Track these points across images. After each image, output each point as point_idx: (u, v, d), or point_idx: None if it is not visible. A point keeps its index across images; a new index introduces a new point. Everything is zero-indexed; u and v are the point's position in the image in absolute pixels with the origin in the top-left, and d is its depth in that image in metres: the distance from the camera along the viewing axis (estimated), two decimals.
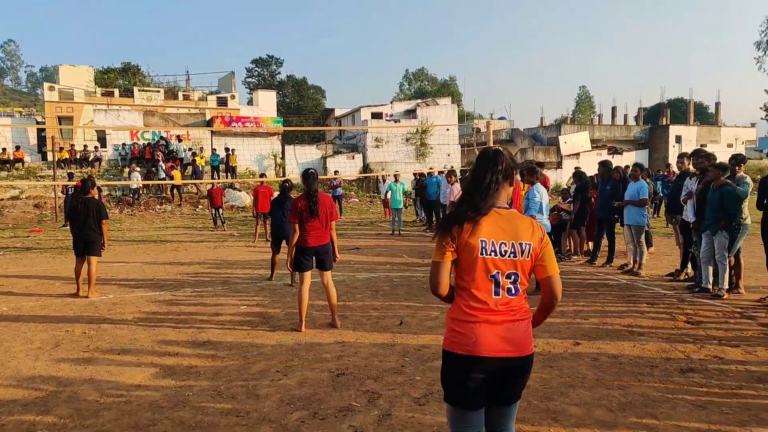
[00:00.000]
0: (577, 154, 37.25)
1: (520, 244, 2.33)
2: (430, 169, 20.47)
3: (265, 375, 4.63)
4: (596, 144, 40.11)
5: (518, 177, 9.57)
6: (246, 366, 4.86)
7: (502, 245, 2.31)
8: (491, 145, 13.93)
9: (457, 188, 10.10)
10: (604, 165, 10.25)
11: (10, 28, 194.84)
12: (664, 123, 46.36)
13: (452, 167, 21.18)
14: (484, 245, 2.30)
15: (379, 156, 34.11)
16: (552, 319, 6.21)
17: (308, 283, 5.99)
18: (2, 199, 23.41)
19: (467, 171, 16.20)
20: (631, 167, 9.97)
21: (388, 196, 17.17)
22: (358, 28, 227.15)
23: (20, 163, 28.06)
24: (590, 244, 10.95)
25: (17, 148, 29.35)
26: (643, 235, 9.23)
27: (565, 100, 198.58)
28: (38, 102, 69.62)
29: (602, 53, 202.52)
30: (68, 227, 10.03)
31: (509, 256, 2.31)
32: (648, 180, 10.23)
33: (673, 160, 39.28)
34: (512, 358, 2.30)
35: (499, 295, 2.32)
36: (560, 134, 39.37)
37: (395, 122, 37.18)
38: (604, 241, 10.11)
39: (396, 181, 16.59)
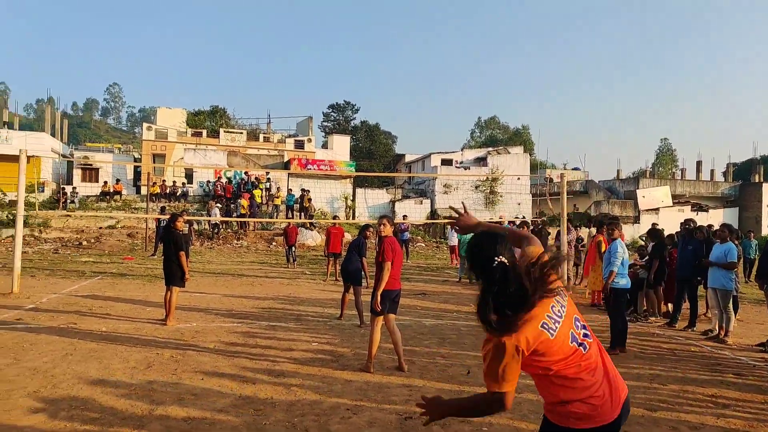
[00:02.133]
0: (657, 209, 36.07)
1: None
2: (500, 218, 20.50)
3: (336, 412, 4.90)
4: (678, 200, 38.69)
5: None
6: (318, 401, 5.16)
7: None
8: (565, 196, 13.98)
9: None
10: (686, 224, 10.07)
11: (115, 72, 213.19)
12: (757, 180, 44.10)
13: (524, 218, 21.14)
14: None
15: (448, 202, 34.23)
16: (627, 381, 6.17)
17: (381, 325, 6.26)
18: (101, 228, 25.39)
19: (539, 222, 16.26)
20: (718, 227, 9.58)
21: (456, 242, 17.33)
22: (430, 75, 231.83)
23: (118, 196, 30.44)
24: (669, 305, 10.52)
25: (117, 181, 31.92)
26: (731, 301, 8.69)
27: (644, 153, 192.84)
28: (135, 140, 74.97)
29: (687, 104, 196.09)
30: (155, 257, 10.85)
31: None
32: (736, 242, 9.61)
33: (766, 220, 37.37)
34: None
35: None
36: (638, 188, 38.34)
37: (465, 169, 37.47)
38: (685, 304, 9.80)
39: None
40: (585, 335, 2.30)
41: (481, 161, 39.19)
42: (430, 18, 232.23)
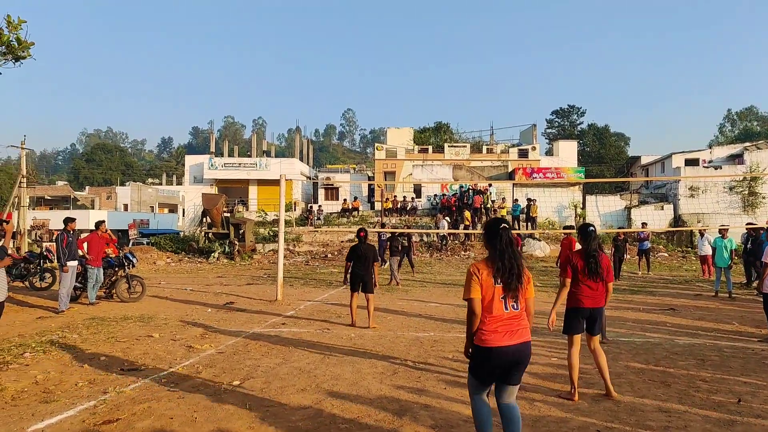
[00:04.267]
0: None
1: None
2: (767, 223, 17.51)
3: None
4: None
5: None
6: (565, 420, 4.93)
7: None
8: None
9: None
10: None
11: (350, 98, 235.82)
12: None
13: None
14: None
15: (694, 206, 30.58)
16: None
17: (579, 346, 5.73)
18: (342, 241, 28.11)
19: None
20: None
21: (709, 251, 15.27)
22: (664, 69, 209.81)
23: (356, 212, 33.48)
24: None
25: (354, 198, 35.14)
26: None
27: None
28: (368, 159, 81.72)
29: None
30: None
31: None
32: None
33: None
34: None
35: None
36: None
37: (715, 169, 32.98)
38: None
39: (723, 236, 14.66)
40: (513, 306, 3.80)
41: (735, 158, 34.17)
42: (650, 3, 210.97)
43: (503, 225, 3.90)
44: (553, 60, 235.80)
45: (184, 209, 45.43)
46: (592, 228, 5.76)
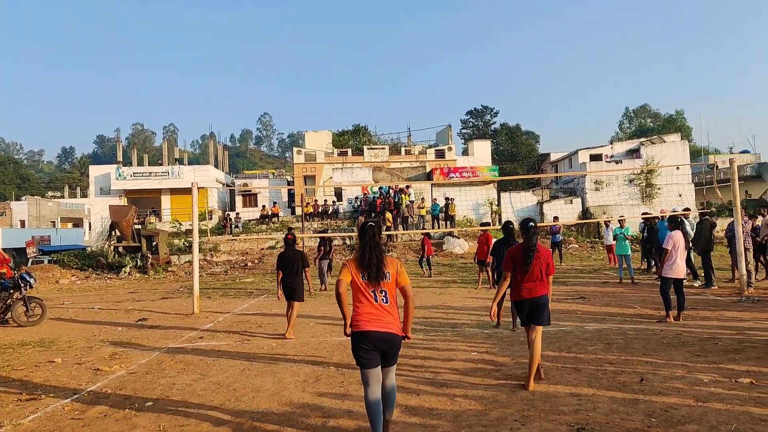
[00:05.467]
0: None
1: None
2: (661, 212, 18.84)
3: (504, 423, 4.75)
4: None
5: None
6: (484, 412, 5.04)
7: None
8: (737, 182, 12.42)
9: (677, 236, 9.04)
10: None
11: (266, 102, 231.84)
12: None
13: (687, 209, 19.21)
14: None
15: (600, 199, 32.44)
16: None
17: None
18: (262, 249, 27.55)
19: (705, 213, 14.60)
20: None
21: (612, 241, 16.30)
22: (571, 69, 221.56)
23: (276, 218, 32.90)
24: None
25: (274, 204, 34.54)
26: None
27: None
28: (287, 164, 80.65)
29: None
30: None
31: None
32: None
33: None
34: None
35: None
36: None
37: (616, 163, 35.14)
38: None
39: (621, 226, 15.65)
40: (383, 300, 4.26)
41: (633, 153, 36.53)
42: (560, 11, 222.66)
43: (369, 224, 4.41)
44: (466, 61, 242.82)
45: (90, 223, 42.90)
46: (531, 223, 5.91)
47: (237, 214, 34.88)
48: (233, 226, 32.20)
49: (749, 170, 38.62)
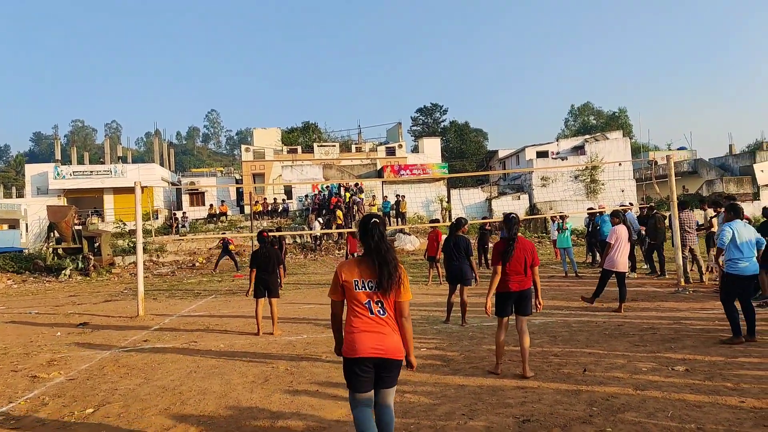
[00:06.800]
0: None
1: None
2: (600, 207, 19.51)
3: (452, 417, 4.81)
4: None
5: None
6: (432, 407, 5.09)
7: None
8: (674, 178, 12.96)
9: (621, 230, 9.41)
10: None
11: (214, 99, 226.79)
12: None
13: (630, 204, 19.94)
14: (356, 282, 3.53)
15: (547, 195, 33.30)
16: (762, 372, 5.64)
17: (506, 328, 6.10)
18: (211, 248, 26.97)
19: (653, 208, 15.19)
20: None
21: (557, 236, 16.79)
22: (516, 67, 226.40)
23: (224, 217, 32.24)
24: None
25: (222, 203, 33.81)
26: None
27: (759, 123, 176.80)
28: (236, 162, 79.23)
29: None
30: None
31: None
32: None
33: None
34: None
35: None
36: (755, 162, 35.18)
37: (562, 160, 36.15)
38: None
39: (563, 221, 16.13)
40: (379, 311, 3.53)
41: (578, 150, 37.67)
42: (508, 9, 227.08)
43: (374, 220, 3.65)
44: (416, 59, 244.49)
45: (27, 224, 40.98)
46: (513, 215, 6.12)
47: (184, 213, 34.03)
48: (180, 225, 31.40)
49: (686, 166, 40.34)
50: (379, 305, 3.51)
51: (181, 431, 4.80)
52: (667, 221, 14.59)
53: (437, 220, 18.72)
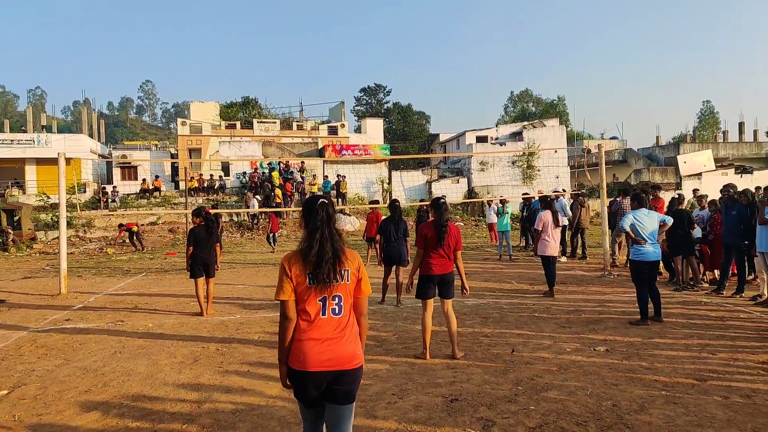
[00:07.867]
0: (699, 175, 34.87)
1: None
2: (538, 192, 20.09)
3: (382, 397, 4.85)
4: (721, 163, 37.34)
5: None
6: (363, 387, 5.10)
7: None
8: (604, 167, 13.48)
9: (546, 215, 9.74)
10: (727, 189, 9.75)
11: (148, 69, 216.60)
12: None
13: (563, 190, 20.62)
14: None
15: (485, 179, 33.95)
16: (674, 352, 5.97)
17: (431, 310, 6.16)
18: (143, 225, 25.97)
19: (579, 194, 15.80)
20: (763, 190, 9.29)
21: (495, 220, 17.17)
22: (460, 52, 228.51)
23: (158, 192, 31.08)
24: (716, 272, 10.34)
25: (156, 178, 32.57)
26: None
27: (684, 117, 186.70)
28: (171, 135, 76.39)
29: (729, 63, 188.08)
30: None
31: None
32: None
33: None
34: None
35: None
36: (679, 153, 37.11)
37: (500, 145, 36.89)
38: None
39: (503, 204, 16.51)
40: (334, 310, 2.90)
41: (516, 136, 38.51)
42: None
43: (321, 200, 3.01)
44: (358, 37, 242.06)
45: None
46: (443, 201, 6.11)
47: (114, 187, 32.53)
48: (110, 200, 30.06)
49: (617, 155, 42.03)
50: (335, 301, 2.90)
51: (101, 414, 4.62)
52: (595, 208, 15.23)
53: (377, 201, 18.75)
